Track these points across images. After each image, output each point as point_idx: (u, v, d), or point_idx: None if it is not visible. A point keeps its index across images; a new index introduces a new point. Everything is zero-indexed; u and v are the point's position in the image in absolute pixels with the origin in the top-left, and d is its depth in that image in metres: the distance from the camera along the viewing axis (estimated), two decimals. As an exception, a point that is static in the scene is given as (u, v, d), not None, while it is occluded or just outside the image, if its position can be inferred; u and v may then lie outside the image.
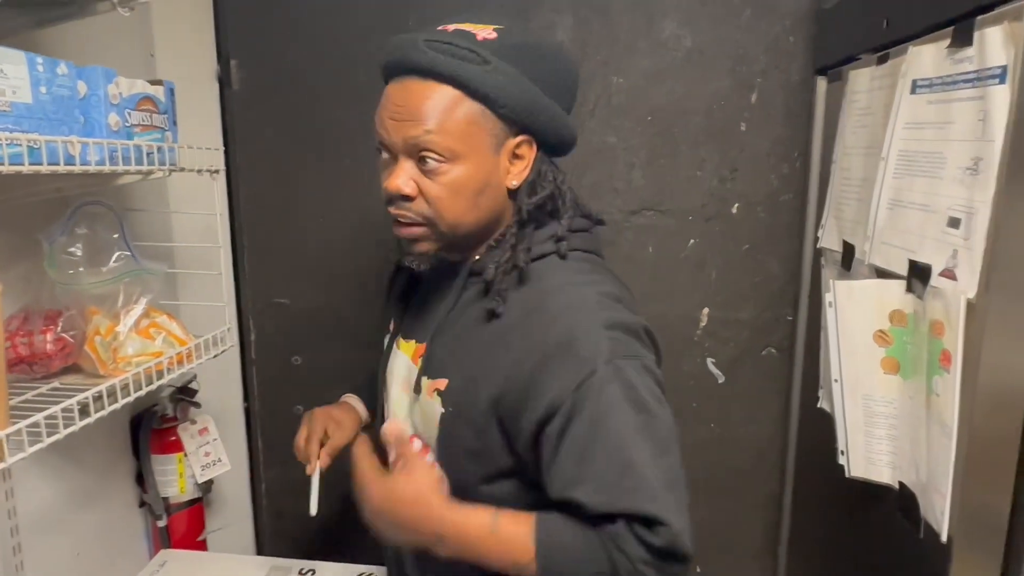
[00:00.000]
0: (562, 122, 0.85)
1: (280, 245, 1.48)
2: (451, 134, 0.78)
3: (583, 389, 0.74)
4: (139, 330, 0.97)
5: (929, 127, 0.80)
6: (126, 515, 1.30)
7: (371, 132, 1.39)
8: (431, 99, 0.78)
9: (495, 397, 0.79)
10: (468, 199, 0.81)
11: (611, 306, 0.80)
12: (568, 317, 0.78)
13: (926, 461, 0.78)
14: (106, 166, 0.82)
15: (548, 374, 0.76)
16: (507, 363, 0.79)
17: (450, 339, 0.86)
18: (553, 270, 0.84)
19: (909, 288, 0.81)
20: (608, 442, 0.74)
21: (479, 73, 0.78)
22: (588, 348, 0.75)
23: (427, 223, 0.82)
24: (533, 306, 0.80)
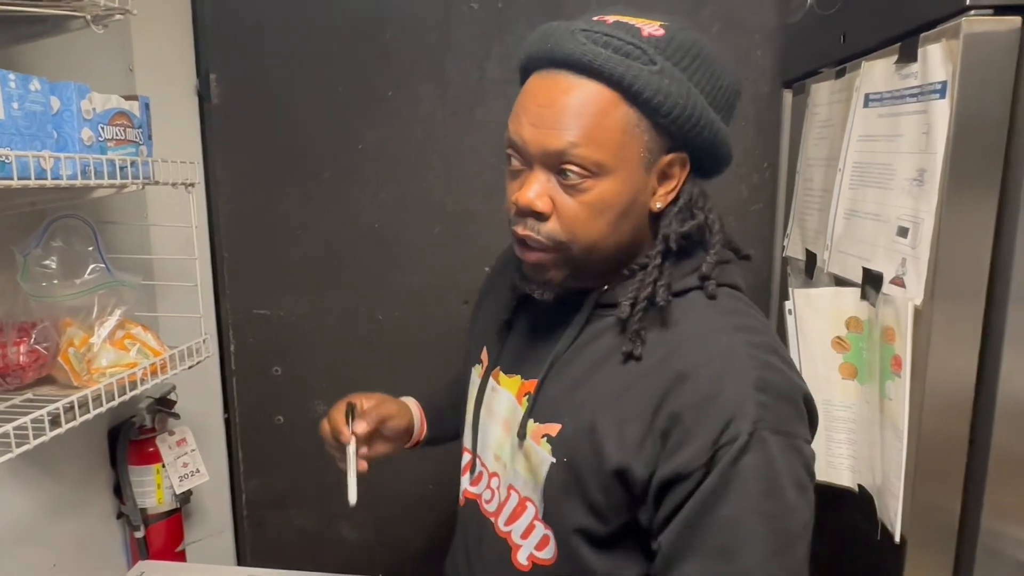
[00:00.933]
0: (723, 140, 0.71)
1: (260, 257, 1.49)
2: (601, 145, 0.66)
3: (717, 457, 0.64)
4: (113, 341, 0.98)
5: (880, 139, 0.83)
6: (104, 526, 1.31)
7: (347, 143, 1.43)
8: (582, 100, 0.66)
9: (622, 452, 0.68)
10: (610, 221, 0.69)
11: (765, 362, 0.67)
12: (712, 371, 0.66)
13: (880, 463, 0.80)
14: (79, 180, 0.84)
15: (683, 434, 0.65)
16: (637, 415, 0.68)
17: (566, 379, 0.74)
18: (696, 310, 0.71)
19: (864, 296, 0.84)
20: (722, 521, 0.64)
21: (645, 75, 0.65)
22: (731, 411, 0.64)
23: (557, 247, 0.70)
24: (671, 351, 0.69)
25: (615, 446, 0.68)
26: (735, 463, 0.63)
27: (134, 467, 1.30)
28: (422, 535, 1.56)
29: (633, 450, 0.67)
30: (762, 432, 0.63)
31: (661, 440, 0.66)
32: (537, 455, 0.74)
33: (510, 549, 0.78)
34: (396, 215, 1.45)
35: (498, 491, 0.81)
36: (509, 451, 0.79)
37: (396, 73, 1.40)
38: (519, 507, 0.78)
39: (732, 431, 0.63)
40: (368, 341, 1.49)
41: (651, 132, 0.67)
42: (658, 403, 0.67)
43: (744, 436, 0.63)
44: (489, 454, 0.83)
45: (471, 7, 1.37)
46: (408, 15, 1.38)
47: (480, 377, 0.87)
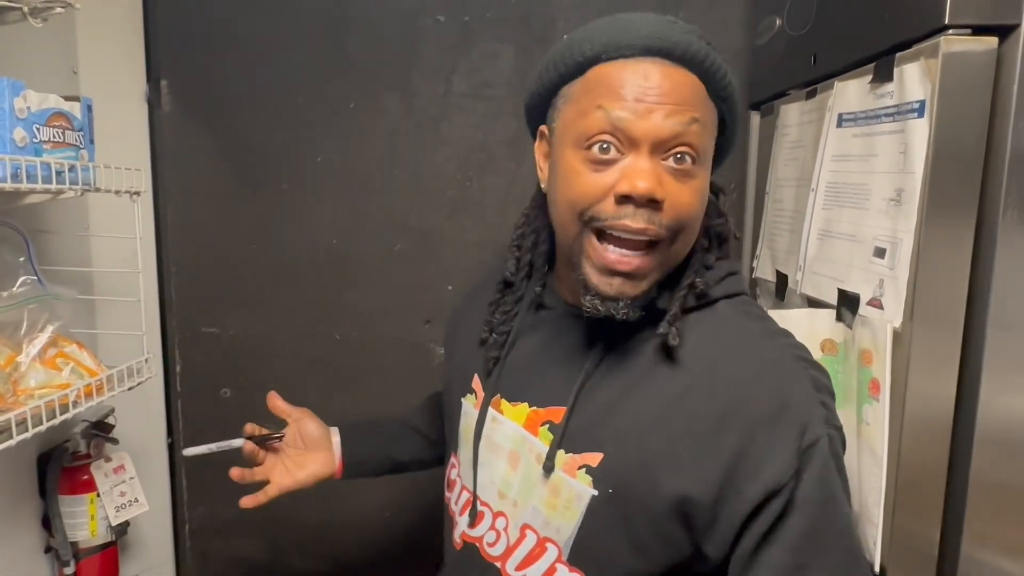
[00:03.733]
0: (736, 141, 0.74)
1: (210, 272, 1.41)
2: (705, 132, 0.65)
3: (803, 464, 0.62)
4: (44, 360, 0.90)
5: (855, 159, 0.82)
6: (30, 561, 1.20)
7: (306, 154, 1.38)
8: (692, 86, 0.64)
9: (680, 478, 0.64)
10: (702, 214, 0.68)
11: (809, 362, 0.67)
12: (772, 377, 0.64)
13: (858, 490, 0.78)
14: (8, 184, 0.77)
15: (762, 450, 0.62)
16: (692, 434, 0.64)
17: (597, 403, 0.69)
18: (729, 318, 0.69)
19: (839, 317, 0.82)
20: (843, 527, 0.65)
21: (727, 73, 0.67)
22: (805, 417, 0.63)
23: (658, 245, 0.65)
24: (713, 362, 0.66)
25: (670, 472, 0.64)
26: (826, 466, 0.63)
27: (65, 497, 1.20)
28: (381, 567, 1.49)
29: (692, 474, 0.63)
30: (829, 430, 0.64)
31: (732, 460, 0.62)
32: (571, 489, 0.68)
33: None
34: (356, 231, 1.40)
35: (506, 532, 0.74)
36: (520, 487, 0.73)
37: (359, 83, 1.36)
38: (537, 549, 0.71)
39: (810, 436, 0.62)
40: (324, 362, 1.43)
41: (715, 128, 0.68)
42: (718, 420, 0.63)
43: (824, 437, 0.63)
44: (492, 492, 0.76)
45: (437, 19, 1.34)
46: (372, 24, 1.34)
47: (477, 408, 0.79)
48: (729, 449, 0.62)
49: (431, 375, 1.41)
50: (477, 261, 1.40)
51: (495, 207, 1.39)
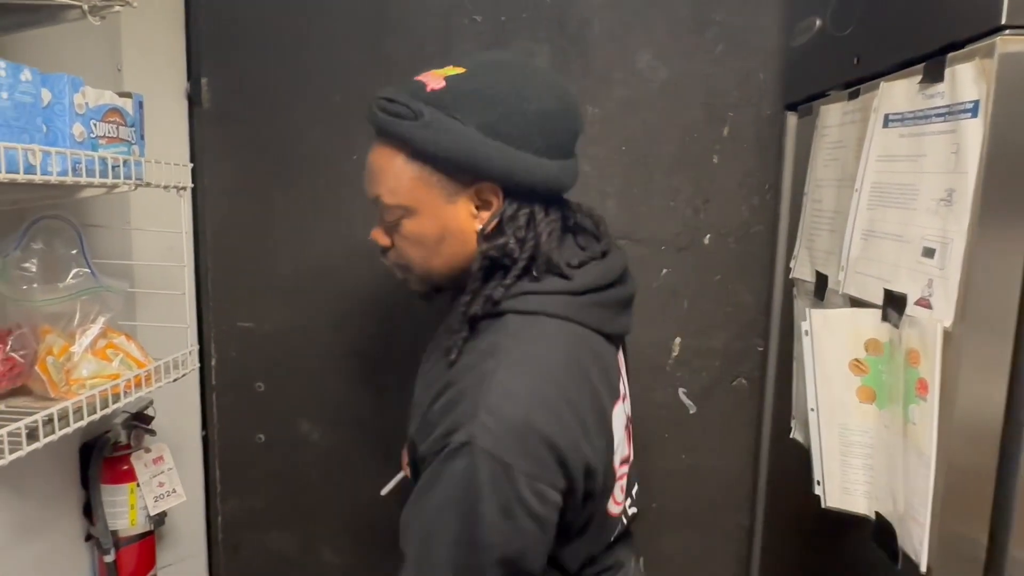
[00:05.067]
0: (524, 166, 0.79)
1: (246, 268, 1.43)
2: (399, 193, 0.81)
3: (440, 453, 0.72)
4: (95, 351, 0.92)
5: (902, 160, 0.82)
6: (71, 549, 1.23)
7: (343, 152, 1.39)
8: (381, 159, 0.82)
9: (413, 427, 0.83)
10: (429, 248, 0.84)
11: (511, 391, 0.73)
12: (465, 383, 0.75)
13: (903, 491, 0.78)
14: (68, 177, 0.79)
15: (432, 427, 0.76)
16: (427, 402, 0.80)
17: (428, 365, 0.90)
18: (498, 329, 0.79)
19: (884, 317, 0.82)
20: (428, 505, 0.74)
21: (409, 129, 0.78)
22: (460, 420, 0.72)
23: (404, 269, 0.88)
24: (461, 361, 0.80)
25: (413, 419, 0.85)
26: (447, 461, 0.72)
27: (107, 486, 1.22)
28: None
29: (416, 427, 0.82)
30: (475, 447, 0.70)
31: (424, 427, 0.78)
32: None
33: None
34: (390, 228, 1.41)
35: None
36: None
37: (395, 82, 1.36)
38: None
39: (454, 437, 0.71)
40: (356, 357, 1.44)
41: (439, 173, 0.80)
42: (435, 397, 0.78)
43: (456, 444, 0.71)
44: None
45: (474, 19, 1.35)
46: (409, 24, 1.35)
47: None
48: (428, 416, 0.78)
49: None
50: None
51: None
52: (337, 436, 1.47)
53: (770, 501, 1.37)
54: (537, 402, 0.73)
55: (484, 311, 0.80)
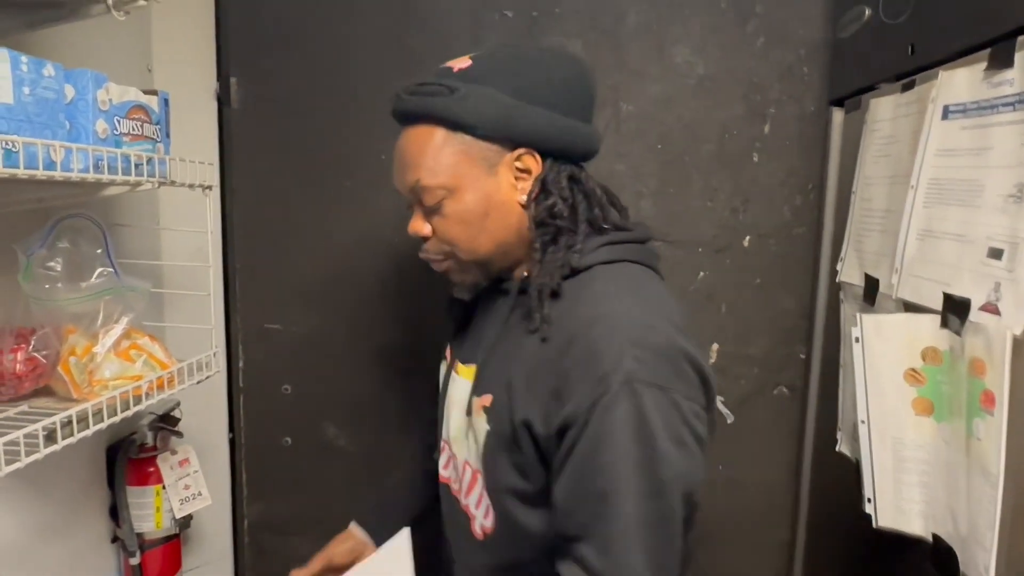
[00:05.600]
0: (559, 127, 0.82)
1: (274, 269, 1.42)
2: (439, 172, 0.81)
3: (594, 407, 0.71)
4: (118, 351, 0.91)
5: (963, 153, 0.76)
6: (96, 551, 1.22)
7: (371, 152, 1.37)
8: (417, 142, 0.82)
9: (527, 406, 0.77)
10: (474, 225, 0.82)
11: (645, 323, 0.75)
12: (595, 331, 0.74)
13: (966, 512, 0.72)
14: (90, 174, 0.77)
15: (568, 389, 0.73)
16: (539, 375, 0.77)
17: (500, 357, 0.84)
18: (595, 280, 0.81)
19: (944, 323, 0.76)
20: (600, 467, 0.71)
21: (445, 103, 0.80)
22: (607, 365, 0.71)
23: (449, 257, 0.86)
24: (567, 318, 0.78)
25: (522, 402, 0.78)
26: (608, 411, 0.70)
27: (133, 488, 1.21)
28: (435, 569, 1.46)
29: (534, 405, 0.76)
30: (634, 384, 0.70)
31: (553, 396, 0.74)
32: (479, 426, 0.83)
33: (469, 520, 0.88)
34: (418, 229, 1.38)
35: (458, 470, 0.90)
36: (464, 430, 0.88)
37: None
38: (472, 479, 0.87)
39: (607, 383, 0.70)
40: (383, 359, 1.42)
41: (478, 144, 0.81)
42: (553, 363, 0.75)
43: (615, 387, 0.70)
44: (451, 438, 0.91)
45: (504, 14, 1.31)
46: (438, 20, 1.33)
47: (445, 371, 0.98)
48: (552, 387, 0.75)
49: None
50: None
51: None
52: (363, 440, 1.45)
53: (812, 516, 1.31)
54: (671, 326, 0.75)
55: (567, 271, 0.80)
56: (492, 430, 0.81)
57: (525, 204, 0.83)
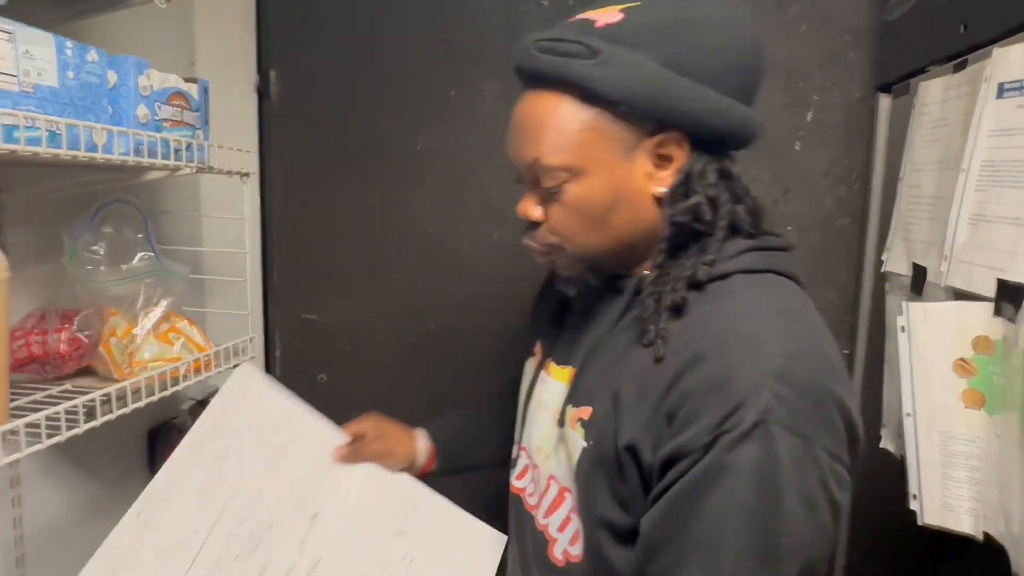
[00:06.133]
0: (717, 108, 0.67)
1: (312, 260, 1.44)
2: (563, 150, 0.68)
3: (717, 441, 0.59)
4: (157, 334, 0.93)
5: (1020, 133, 0.72)
6: (138, 532, 1.25)
7: (407, 143, 1.38)
8: (543, 111, 0.69)
9: (633, 429, 0.65)
10: (595, 218, 0.69)
11: (797, 352, 0.61)
12: (731, 353, 0.61)
13: (1020, 509, 0.68)
14: (131, 158, 0.79)
15: (686, 416, 0.61)
16: (652, 393, 0.64)
17: (603, 363, 0.72)
18: (734, 293, 0.67)
19: (998, 311, 0.73)
20: (708, 510, 0.59)
21: (584, 69, 0.65)
22: (740, 396, 0.59)
23: (556, 250, 0.73)
24: (695, 332, 0.65)
25: (629, 423, 0.66)
26: (732, 450, 0.58)
27: (172, 471, 1.24)
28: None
29: (642, 428, 0.65)
30: (771, 426, 0.58)
31: (667, 420, 0.63)
32: (573, 440, 0.72)
33: (547, 543, 0.76)
34: (453, 220, 1.39)
35: (539, 483, 0.79)
36: (553, 441, 0.77)
37: (460, 71, 1.35)
38: (558, 498, 0.75)
39: (737, 417, 0.58)
40: (419, 350, 1.42)
41: (615, 122, 0.67)
42: (671, 382, 0.63)
43: (747, 424, 0.58)
44: (534, 446, 0.81)
45: (540, 3, 1.31)
46: (474, 11, 1.33)
47: (533, 369, 0.86)
48: (667, 409, 0.63)
49: (525, 368, 1.38)
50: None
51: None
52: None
53: (856, 516, 1.26)
54: (822, 361, 0.62)
55: (701, 279, 0.67)
56: (590, 448, 0.69)
57: (661, 199, 0.69)
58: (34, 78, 0.69)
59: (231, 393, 0.94)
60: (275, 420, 0.94)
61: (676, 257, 0.69)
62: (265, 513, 0.86)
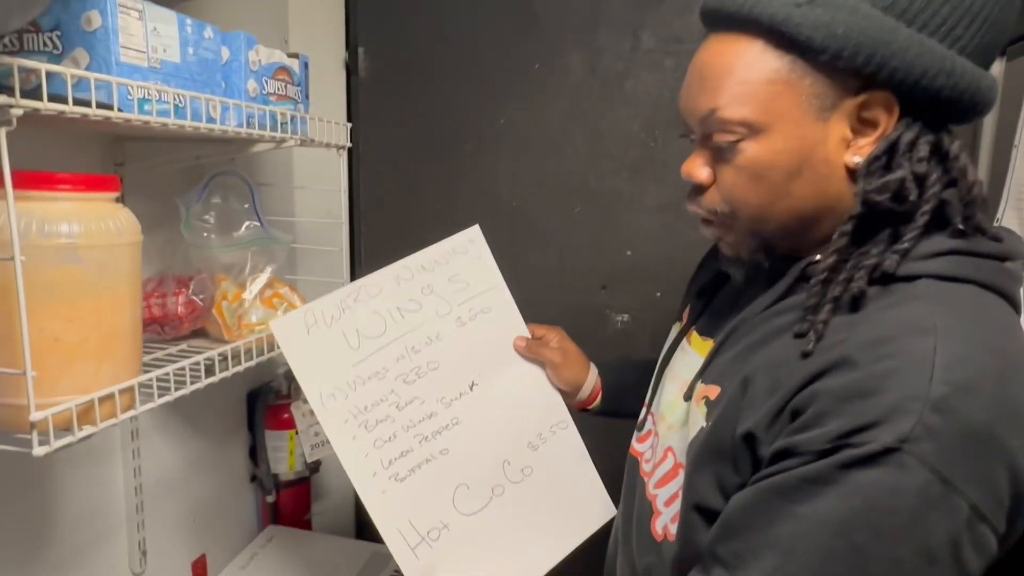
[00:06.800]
0: (942, 68, 0.55)
1: (396, 231, 1.48)
2: (746, 102, 0.59)
3: (836, 451, 0.51)
4: (263, 299, 0.98)
5: None
6: (239, 487, 1.33)
7: (490, 117, 1.39)
8: (727, 56, 0.60)
9: (756, 421, 0.58)
10: (773, 185, 0.60)
11: (970, 384, 0.50)
12: (883, 363, 0.52)
13: None
14: (243, 129, 0.83)
15: (813, 416, 0.53)
16: (785, 386, 0.57)
17: (744, 346, 0.65)
18: (914, 298, 0.56)
19: None
20: (799, 516, 0.53)
21: (785, 9, 0.56)
22: (881, 412, 0.50)
23: (722, 220, 0.64)
24: (848, 333, 0.56)
25: (753, 412, 0.59)
26: (850, 468, 0.50)
27: (270, 431, 1.31)
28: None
29: (766, 421, 0.57)
30: (906, 456, 0.49)
31: (791, 417, 0.56)
32: (695, 418, 0.67)
33: (651, 514, 0.72)
34: (535, 192, 1.40)
35: (656, 452, 0.75)
36: (678, 413, 0.72)
37: (544, 43, 1.35)
38: (672, 472, 0.71)
39: (869, 435, 0.50)
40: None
41: (813, 74, 0.57)
42: (808, 381, 0.55)
43: (878, 446, 0.49)
44: (660, 413, 0.77)
45: (627, -27, 1.29)
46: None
47: (675, 335, 0.82)
48: (796, 404, 0.55)
49: (607, 341, 1.39)
50: (659, 226, 1.34)
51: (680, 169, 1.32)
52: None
53: None
54: (1003, 403, 0.50)
55: (889, 271, 0.57)
56: (708, 429, 0.64)
57: (854, 171, 0.59)
58: (160, 54, 0.73)
59: (455, 243, 0.99)
60: (481, 284, 0.97)
61: (859, 244, 0.59)
62: (437, 356, 0.90)
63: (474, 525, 0.88)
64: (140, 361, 0.71)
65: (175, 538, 1.15)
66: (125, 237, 0.66)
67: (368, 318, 0.88)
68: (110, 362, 0.65)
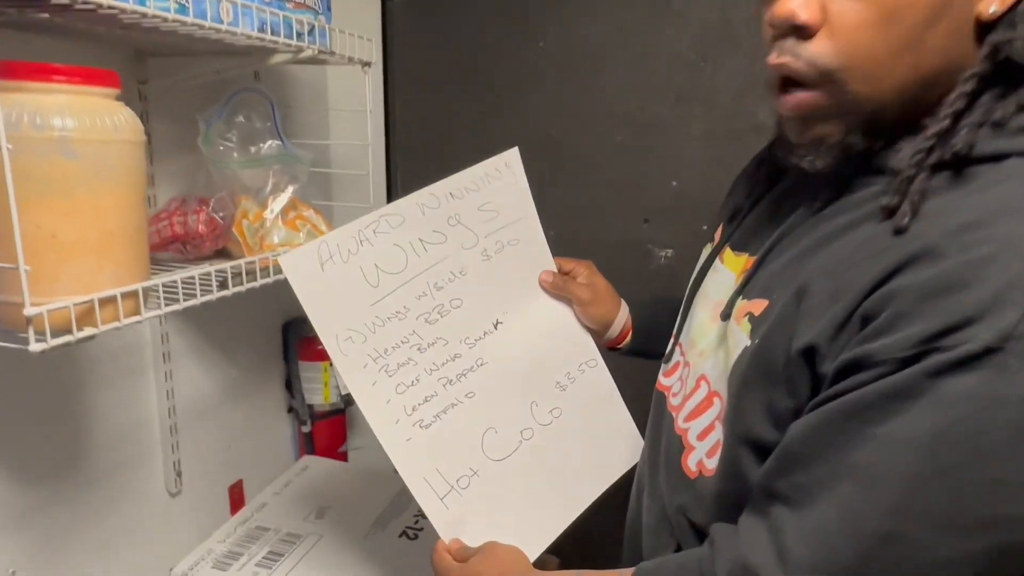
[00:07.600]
0: None
1: (433, 157, 1.43)
2: None
3: (923, 356, 0.45)
4: (285, 220, 0.96)
5: None
6: (275, 417, 1.34)
7: (526, 43, 1.32)
8: None
9: (817, 329, 0.51)
10: (910, 29, 0.49)
11: None
12: (975, 250, 0.45)
13: None
14: (254, 32, 0.79)
15: (890, 318, 0.47)
16: (850, 289, 0.50)
17: (794, 253, 0.57)
18: (1004, 180, 0.49)
19: None
20: (878, 440, 0.46)
21: None
22: (977, 306, 0.44)
23: (826, 81, 0.52)
24: (929, 225, 0.49)
25: (812, 323, 0.51)
26: (942, 375, 0.44)
27: (304, 363, 1.31)
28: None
29: (829, 332, 0.50)
30: (1010, 357, 0.42)
31: (861, 323, 0.48)
32: (736, 338, 0.60)
33: (682, 450, 0.67)
34: (574, 121, 1.33)
35: (686, 383, 0.69)
36: (712, 337, 0.65)
37: (585, -40, 1.26)
38: (705, 402, 0.64)
39: (965, 334, 0.43)
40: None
41: None
42: (881, 280, 0.48)
43: (976, 346, 0.43)
44: (690, 340, 0.71)
45: None
46: None
47: (707, 256, 0.75)
48: (867, 308, 0.48)
49: (649, 278, 1.32)
50: (707, 156, 1.26)
51: (731, 93, 1.23)
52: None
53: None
54: None
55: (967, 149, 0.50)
56: (753, 348, 0.57)
57: (986, 26, 0.50)
58: (163, -52, 0.70)
59: (488, 168, 0.92)
60: (512, 214, 0.92)
61: (963, 112, 0.51)
62: (460, 293, 0.85)
63: (504, 471, 0.83)
64: (147, 267, 0.70)
65: (210, 462, 1.17)
66: (124, 135, 0.64)
67: (389, 251, 0.81)
68: (112, 263, 0.64)
